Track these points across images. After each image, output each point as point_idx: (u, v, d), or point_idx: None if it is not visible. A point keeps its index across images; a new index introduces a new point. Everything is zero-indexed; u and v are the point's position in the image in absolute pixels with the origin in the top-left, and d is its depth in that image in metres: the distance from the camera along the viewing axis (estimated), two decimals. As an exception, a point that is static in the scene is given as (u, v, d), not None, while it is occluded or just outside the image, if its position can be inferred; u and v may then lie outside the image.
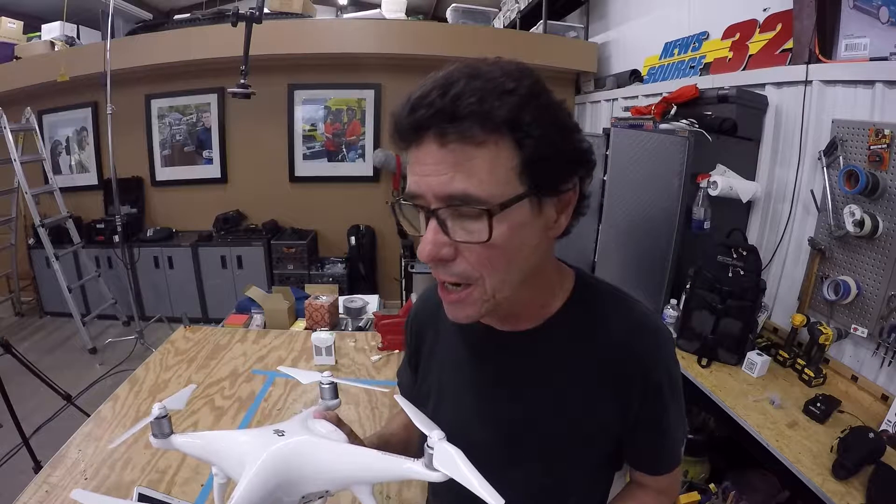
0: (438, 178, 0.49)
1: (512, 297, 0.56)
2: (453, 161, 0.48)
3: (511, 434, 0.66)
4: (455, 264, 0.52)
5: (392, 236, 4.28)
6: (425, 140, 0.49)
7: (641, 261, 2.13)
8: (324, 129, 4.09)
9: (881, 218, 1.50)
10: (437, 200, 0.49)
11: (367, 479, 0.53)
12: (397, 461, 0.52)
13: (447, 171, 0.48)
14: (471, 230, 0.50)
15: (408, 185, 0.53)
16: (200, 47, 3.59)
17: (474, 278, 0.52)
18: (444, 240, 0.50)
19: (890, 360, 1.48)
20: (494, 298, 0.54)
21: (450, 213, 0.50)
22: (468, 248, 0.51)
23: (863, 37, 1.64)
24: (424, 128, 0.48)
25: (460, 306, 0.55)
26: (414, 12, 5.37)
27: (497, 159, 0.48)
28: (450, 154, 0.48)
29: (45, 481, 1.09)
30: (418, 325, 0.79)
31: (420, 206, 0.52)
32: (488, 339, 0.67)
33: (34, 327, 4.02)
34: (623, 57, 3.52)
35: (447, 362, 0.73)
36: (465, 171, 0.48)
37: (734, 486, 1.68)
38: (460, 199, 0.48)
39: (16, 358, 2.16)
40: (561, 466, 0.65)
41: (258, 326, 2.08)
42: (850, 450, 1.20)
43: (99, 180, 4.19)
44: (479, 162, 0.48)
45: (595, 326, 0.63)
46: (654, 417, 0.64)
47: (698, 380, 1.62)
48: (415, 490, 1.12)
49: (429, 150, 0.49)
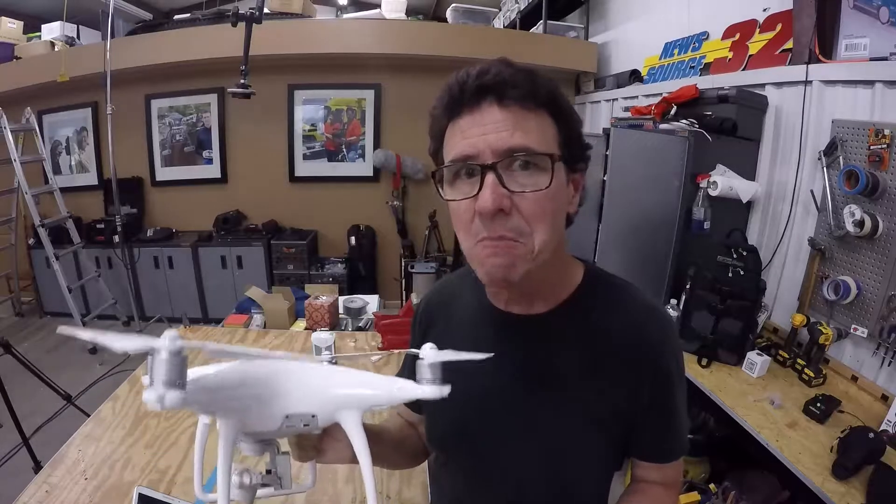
0: (499, 135, 0.55)
1: (544, 266, 0.59)
2: (513, 120, 0.55)
3: (522, 419, 0.66)
4: (510, 218, 0.56)
5: (392, 236, 4.29)
6: (485, 102, 0.56)
7: (641, 261, 2.13)
8: (324, 129, 4.09)
9: (881, 218, 1.50)
10: (495, 155, 0.55)
11: (355, 401, 0.52)
12: (388, 379, 0.51)
13: (507, 128, 0.55)
14: (526, 182, 0.56)
15: (457, 150, 0.57)
16: (200, 47, 3.59)
17: (526, 233, 0.56)
18: (502, 191, 0.55)
19: (890, 360, 1.48)
20: (536, 259, 0.58)
21: (505, 168, 0.55)
22: (524, 199, 0.55)
23: (863, 37, 1.64)
24: (488, 90, 0.55)
25: (510, 259, 0.57)
26: (414, 12, 5.36)
27: (544, 126, 0.57)
28: (510, 114, 0.55)
29: (45, 481, 1.09)
30: (429, 315, 0.80)
31: (476, 164, 0.56)
32: (501, 324, 0.69)
33: (34, 327, 4.02)
34: (623, 57, 3.52)
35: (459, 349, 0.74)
36: (523, 129, 0.55)
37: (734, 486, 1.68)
38: (522, 151, 0.55)
39: (16, 358, 2.16)
40: (569, 452, 0.65)
41: (258, 326, 2.08)
42: (850, 450, 1.20)
43: (99, 180, 4.19)
44: (533, 124, 0.56)
45: (606, 312, 0.66)
46: (663, 401, 0.66)
47: (698, 380, 1.62)
48: (415, 490, 1.12)
49: (489, 111, 0.56)
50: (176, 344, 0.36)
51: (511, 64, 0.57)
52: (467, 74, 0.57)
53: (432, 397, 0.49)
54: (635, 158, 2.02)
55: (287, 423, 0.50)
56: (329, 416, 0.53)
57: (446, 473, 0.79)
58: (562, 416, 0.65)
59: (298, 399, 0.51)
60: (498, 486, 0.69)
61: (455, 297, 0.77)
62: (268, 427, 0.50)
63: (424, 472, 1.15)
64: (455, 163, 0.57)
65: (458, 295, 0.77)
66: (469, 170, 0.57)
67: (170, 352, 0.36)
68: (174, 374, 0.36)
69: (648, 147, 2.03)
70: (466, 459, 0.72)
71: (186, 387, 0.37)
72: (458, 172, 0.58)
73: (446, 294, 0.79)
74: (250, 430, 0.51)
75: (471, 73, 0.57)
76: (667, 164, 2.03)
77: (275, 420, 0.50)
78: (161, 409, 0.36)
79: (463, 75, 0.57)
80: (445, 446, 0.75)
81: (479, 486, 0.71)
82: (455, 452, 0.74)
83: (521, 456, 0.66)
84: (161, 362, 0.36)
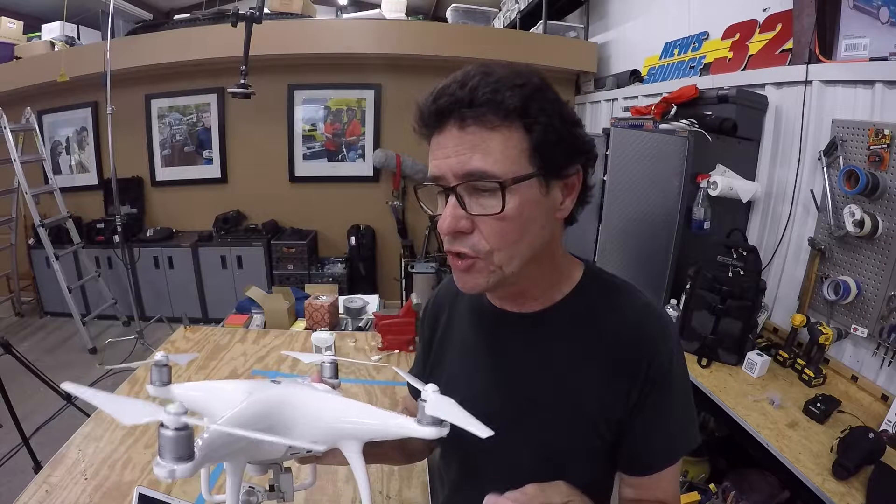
0: (458, 159, 0.55)
1: (520, 272, 0.60)
2: (471, 143, 0.55)
3: (514, 416, 0.67)
4: (470, 237, 0.58)
5: (392, 236, 4.29)
6: (447, 126, 0.56)
7: (641, 261, 2.13)
8: (324, 129, 4.09)
9: (881, 218, 1.50)
10: (455, 178, 0.56)
11: (357, 432, 0.54)
12: (390, 416, 0.53)
13: (466, 151, 0.55)
14: (485, 205, 0.56)
15: (430, 170, 0.59)
16: (200, 47, 3.59)
17: (483, 251, 0.58)
18: (461, 213, 0.56)
19: (890, 360, 1.48)
20: (502, 270, 0.59)
21: (467, 189, 0.56)
22: (483, 221, 0.56)
23: (863, 37, 1.64)
24: (446, 114, 0.55)
25: (469, 275, 0.60)
26: (414, 12, 5.36)
27: (509, 141, 0.55)
28: (468, 136, 0.55)
29: (45, 481, 1.09)
30: (435, 309, 0.82)
31: (441, 185, 0.58)
32: (497, 322, 0.70)
33: (34, 327, 4.02)
34: (623, 57, 3.52)
35: (458, 346, 0.76)
36: (482, 151, 0.55)
37: (734, 486, 1.67)
38: (478, 176, 0.55)
39: (16, 358, 2.16)
40: (562, 452, 0.66)
41: (258, 326, 2.08)
42: (850, 450, 1.19)
43: (99, 180, 4.19)
44: (494, 144, 0.55)
45: (602, 311, 0.66)
46: (656, 401, 0.64)
47: (698, 380, 1.62)
48: (415, 490, 1.12)
49: (450, 134, 0.56)
50: (180, 421, 0.37)
51: (485, 71, 0.56)
52: (429, 95, 0.57)
53: (431, 437, 0.50)
54: (635, 158, 2.02)
55: (291, 451, 0.53)
56: (331, 444, 0.55)
57: (445, 466, 0.81)
58: (552, 410, 0.65)
59: (302, 432, 0.52)
60: (492, 477, 0.69)
61: (457, 296, 0.80)
62: (272, 456, 0.53)
63: (424, 472, 1.15)
64: (430, 181, 0.60)
65: (462, 293, 0.79)
66: (440, 188, 0.59)
67: (175, 429, 0.37)
68: (182, 450, 0.37)
69: (648, 147, 2.03)
70: (463, 452, 0.74)
71: (195, 455, 0.38)
72: (436, 189, 0.60)
73: (450, 293, 0.81)
74: (255, 461, 0.54)
75: (430, 95, 0.57)
76: (667, 164, 2.03)
77: (279, 451, 0.52)
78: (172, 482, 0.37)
79: (426, 97, 0.58)
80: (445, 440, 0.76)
81: (474, 478, 0.73)
82: (453, 446, 0.76)
83: (513, 449, 0.67)
84: (167, 439, 0.37)
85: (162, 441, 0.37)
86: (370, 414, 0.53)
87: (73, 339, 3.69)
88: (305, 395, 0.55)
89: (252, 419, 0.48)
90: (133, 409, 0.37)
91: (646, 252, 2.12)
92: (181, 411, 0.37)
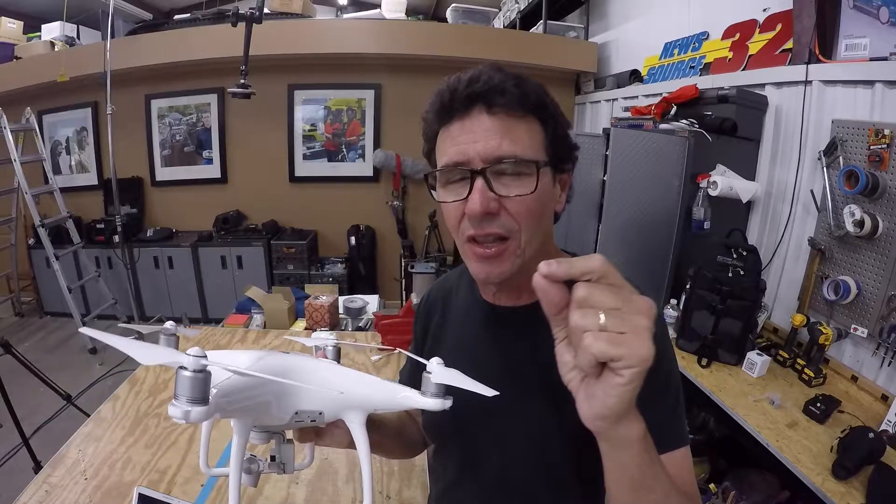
0: (487, 143, 0.57)
1: (530, 260, 0.61)
2: (501, 129, 0.58)
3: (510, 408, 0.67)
4: (498, 218, 0.59)
5: (392, 236, 4.29)
6: (474, 110, 0.58)
7: (641, 261, 2.13)
8: (324, 129, 4.09)
9: (881, 218, 1.50)
10: (483, 162, 0.57)
11: (362, 402, 0.55)
12: (394, 387, 0.54)
13: (496, 136, 0.57)
14: (511, 186, 0.58)
15: (449, 156, 0.60)
16: (200, 47, 3.59)
17: (514, 230, 0.59)
18: (490, 195, 0.58)
19: (890, 360, 1.48)
20: (524, 255, 0.61)
21: (493, 173, 0.58)
22: (510, 201, 0.58)
23: (863, 37, 1.64)
24: (478, 98, 0.57)
25: (496, 262, 0.61)
26: (414, 12, 5.36)
27: (532, 132, 0.60)
28: (498, 122, 0.58)
29: (45, 481, 1.09)
30: (428, 307, 0.84)
31: (465, 169, 0.59)
32: (491, 317, 0.72)
33: (34, 327, 4.02)
34: (623, 57, 3.52)
35: (452, 342, 0.77)
36: (511, 137, 0.58)
37: (734, 486, 1.68)
38: (511, 159, 0.57)
39: (16, 358, 2.16)
40: (559, 443, 0.65)
41: (258, 326, 2.08)
42: (850, 450, 1.20)
43: (99, 180, 4.19)
44: (521, 132, 0.58)
45: None
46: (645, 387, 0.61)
47: (698, 380, 1.62)
48: (415, 490, 1.12)
49: (478, 120, 0.58)
50: (200, 363, 0.37)
51: (501, 69, 0.59)
52: (458, 81, 0.59)
53: (435, 409, 0.51)
54: (635, 158, 2.02)
55: (296, 419, 0.53)
56: (335, 414, 0.56)
57: (441, 460, 0.82)
58: (547, 401, 0.66)
59: (309, 397, 0.53)
60: (486, 470, 0.71)
61: (452, 293, 0.81)
62: (278, 422, 0.53)
63: (424, 472, 1.15)
64: (447, 167, 0.60)
65: (455, 290, 0.81)
66: (460, 174, 0.60)
67: (194, 370, 0.37)
68: (198, 392, 0.37)
69: (648, 147, 2.03)
70: (458, 446, 0.75)
71: (209, 401, 0.38)
72: (450, 176, 0.61)
73: (445, 290, 0.83)
74: (261, 424, 0.55)
75: (461, 80, 0.59)
76: (667, 164, 2.03)
77: (285, 416, 0.52)
78: (186, 423, 0.37)
79: (454, 82, 0.59)
80: (441, 433, 0.79)
81: (469, 471, 0.74)
82: (449, 439, 0.77)
83: (510, 441, 0.68)
84: (185, 379, 0.37)
85: (179, 382, 0.37)
86: (377, 384, 0.55)
87: (73, 339, 3.69)
88: (314, 363, 0.57)
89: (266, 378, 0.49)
90: (153, 352, 0.38)
91: (646, 252, 2.12)
92: (202, 354, 0.37)
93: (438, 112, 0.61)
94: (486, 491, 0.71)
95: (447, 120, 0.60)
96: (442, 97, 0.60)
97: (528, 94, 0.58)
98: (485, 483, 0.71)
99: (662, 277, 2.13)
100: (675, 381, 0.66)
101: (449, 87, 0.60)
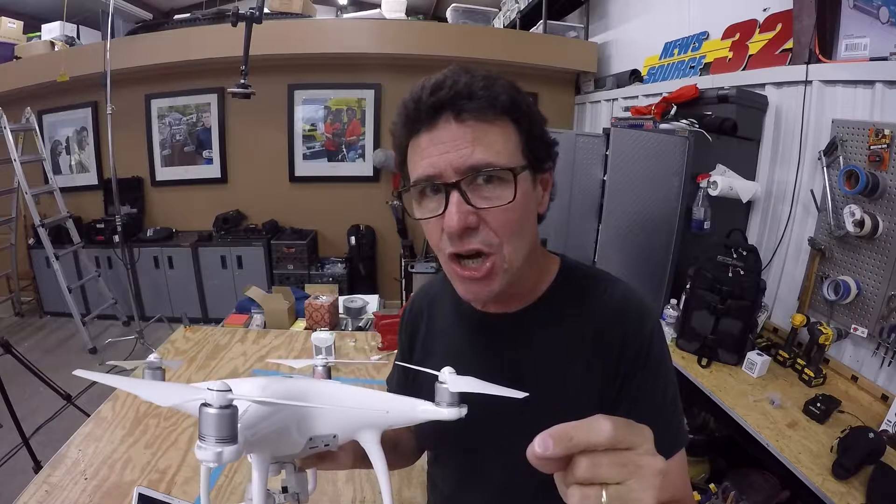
0: (459, 153, 0.54)
1: (519, 270, 0.60)
2: (472, 136, 0.54)
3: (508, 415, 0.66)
4: (478, 233, 0.56)
5: (392, 236, 4.28)
6: (441, 120, 0.55)
7: (641, 261, 2.13)
8: (324, 129, 4.09)
9: (881, 218, 1.50)
10: (456, 174, 0.54)
11: (377, 420, 0.52)
12: (409, 402, 0.51)
13: (467, 145, 0.54)
14: (490, 197, 0.55)
15: (420, 170, 0.56)
16: (200, 47, 3.59)
17: (495, 245, 0.57)
18: (468, 209, 0.55)
19: (890, 360, 1.48)
20: (511, 268, 0.58)
21: (469, 184, 0.55)
22: (489, 213, 0.55)
23: (863, 37, 1.64)
24: (444, 107, 0.54)
25: (483, 282, 0.58)
26: (414, 12, 5.36)
27: (506, 135, 0.56)
28: (468, 130, 0.54)
29: (45, 481, 1.09)
30: (413, 316, 0.81)
31: (438, 183, 0.55)
32: (482, 325, 0.70)
33: (34, 327, 4.02)
34: (623, 57, 3.52)
35: (443, 351, 0.75)
36: (483, 144, 0.54)
37: (734, 486, 1.67)
38: (484, 168, 0.54)
39: (16, 358, 2.16)
40: None
41: (258, 326, 2.08)
42: (850, 450, 1.20)
43: (99, 180, 4.19)
44: (493, 137, 0.55)
45: (581, 302, 0.66)
46: (640, 385, 0.62)
47: (698, 380, 1.62)
48: (415, 490, 1.12)
49: (446, 129, 0.55)
50: (226, 398, 0.34)
51: (467, 70, 0.56)
52: (422, 89, 0.56)
53: (452, 418, 0.49)
54: (635, 158, 2.02)
55: (310, 444, 0.50)
56: (349, 436, 0.53)
57: (438, 469, 0.81)
58: (544, 406, 0.64)
59: (324, 420, 0.50)
60: (484, 479, 0.70)
61: (436, 301, 0.79)
62: (293, 450, 0.50)
63: (424, 472, 1.15)
64: (419, 182, 0.57)
65: (440, 298, 0.78)
66: (434, 188, 0.56)
67: (220, 406, 0.34)
68: (226, 430, 0.34)
69: (648, 147, 2.03)
70: (455, 455, 0.74)
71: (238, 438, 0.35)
72: (424, 190, 0.58)
73: (429, 298, 0.80)
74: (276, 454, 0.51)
75: (425, 88, 0.55)
76: (667, 164, 2.03)
77: (300, 443, 0.49)
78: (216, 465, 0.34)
79: (417, 91, 0.56)
80: (436, 443, 0.78)
81: (467, 480, 0.73)
82: (445, 449, 0.76)
83: (510, 448, 0.67)
84: (211, 417, 0.34)
85: (204, 421, 0.33)
86: (394, 400, 0.52)
87: (73, 339, 3.69)
88: (324, 385, 0.54)
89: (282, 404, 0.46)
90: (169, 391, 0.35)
91: (646, 252, 2.12)
92: (226, 388, 0.33)
93: (405, 123, 0.57)
94: (490, 500, 0.70)
95: (415, 132, 0.57)
96: (407, 108, 0.57)
97: (497, 96, 0.55)
98: (487, 493, 0.70)
99: (662, 277, 2.13)
100: (673, 385, 0.66)
101: (413, 97, 0.56)
